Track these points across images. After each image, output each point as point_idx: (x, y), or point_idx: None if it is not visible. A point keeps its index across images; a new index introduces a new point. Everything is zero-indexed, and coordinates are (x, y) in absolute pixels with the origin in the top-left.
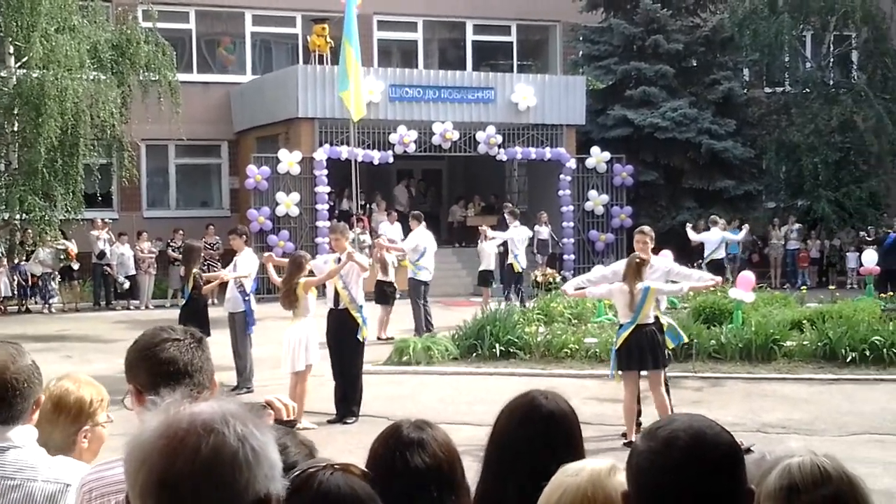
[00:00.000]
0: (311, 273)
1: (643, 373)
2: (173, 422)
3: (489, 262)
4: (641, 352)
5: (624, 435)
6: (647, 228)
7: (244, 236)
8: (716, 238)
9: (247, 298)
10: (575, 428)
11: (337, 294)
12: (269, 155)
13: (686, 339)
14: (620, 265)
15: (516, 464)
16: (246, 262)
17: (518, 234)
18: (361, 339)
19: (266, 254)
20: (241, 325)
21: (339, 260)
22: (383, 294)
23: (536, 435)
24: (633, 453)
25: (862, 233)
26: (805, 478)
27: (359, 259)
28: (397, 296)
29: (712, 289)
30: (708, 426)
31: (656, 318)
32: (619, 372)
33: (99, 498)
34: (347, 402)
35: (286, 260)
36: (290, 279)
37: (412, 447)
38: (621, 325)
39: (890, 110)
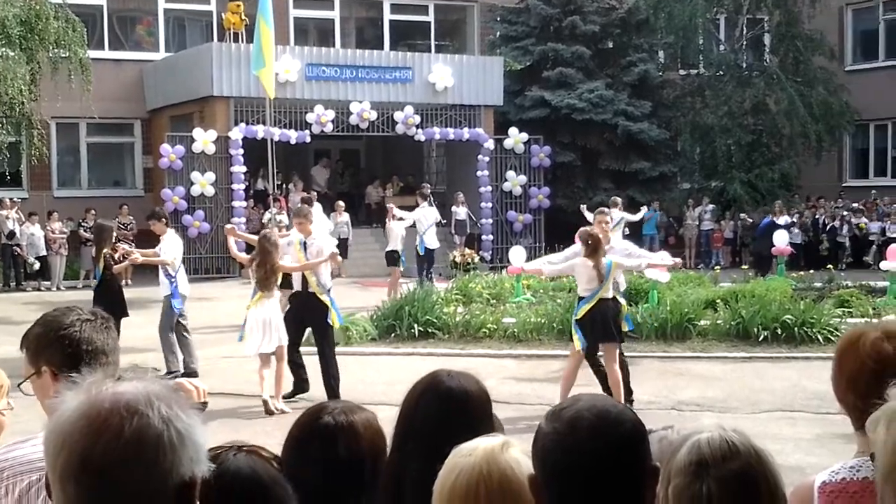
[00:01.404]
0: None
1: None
2: (95, 402)
3: (395, 242)
4: (604, 324)
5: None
6: (607, 209)
7: (164, 219)
8: (616, 218)
9: (173, 281)
10: (478, 408)
11: (304, 277)
12: (184, 134)
13: (634, 327)
14: (577, 246)
15: (416, 442)
16: (170, 246)
17: (425, 215)
18: (331, 324)
19: (228, 226)
20: (168, 309)
21: (304, 244)
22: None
23: (434, 412)
24: (538, 435)
25: (742, 214)
26: (714, 452)
27: (336, 258)
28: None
29: (671, 268)
30: (612, 405)
31: (614, 297)
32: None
33: (11, 477)
34: (332, 387)
35: (250, 236)
36: (267, 260)
37: (331, 434)
38: (581, 298)
39: (801, 93)
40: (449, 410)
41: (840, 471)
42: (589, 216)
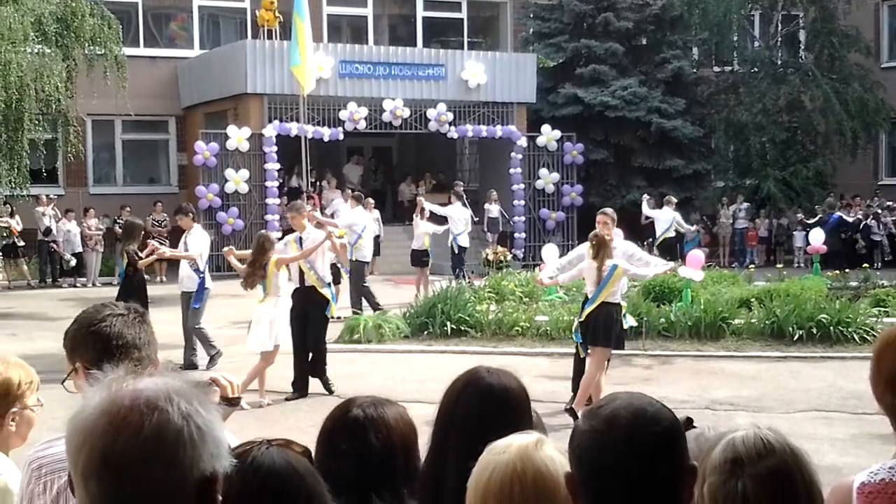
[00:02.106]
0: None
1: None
2: (115, 399)
3: (420, 240)
4: (599, 328)
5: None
6: (609, 210)
7: (191, 214)
8: (667, 217)
9: (202, 276)
10: (518, 404)
11: (302, 272)
12: (218, 131)
13: (634, 323)
14: (582, 247)
15: (455, 439)
16: (197, 241)
17: (455, 213)
18: (330, 316)
19: (226, 248)
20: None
21: (300, 240)
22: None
23: (475, 409)
24: (574, 433)
25: (799, 214)
26: (749, 450)
27: (334, 240)
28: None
29: (670, 273)
30: (648, 403)
31: (618, 302)
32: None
33: (49, 474)
34: (318, 374)
35: (248, 252)
36: (256, 259)
37: (361, 426)
38: (586, 300)
39: (837, 90)
40: (489, 407)
41: (879, 471)
42: (648, 211)
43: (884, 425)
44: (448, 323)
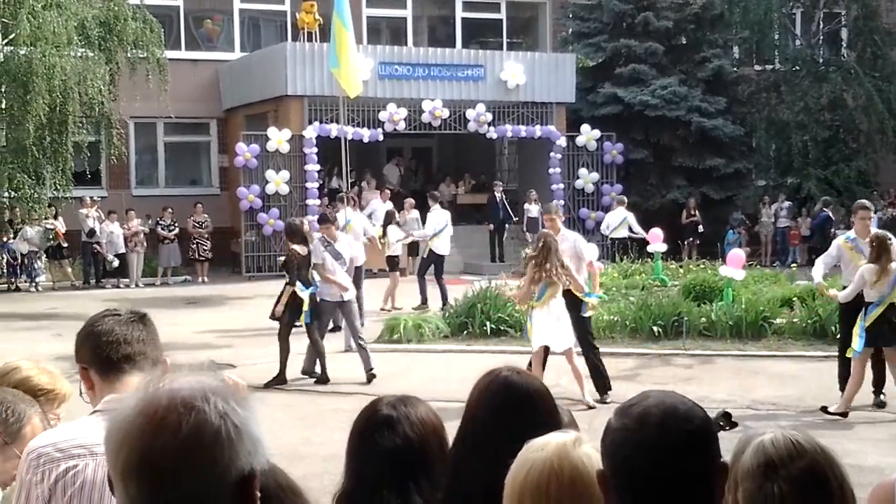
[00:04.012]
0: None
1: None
2: (153, 399)
3: (396, 246)
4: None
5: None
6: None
7: (336, 222)
8: (618, 217)
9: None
10: (540, 404)
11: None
12: (259, 133)
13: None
14: (834, 249)
15: (477, 436)
16: (347, 248)
17: (433, 219)
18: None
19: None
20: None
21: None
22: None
23: (496, 407)
24: (607, 431)
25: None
26: (780, 452)
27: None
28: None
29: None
30: (680, 402)
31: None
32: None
33: (48, 463)
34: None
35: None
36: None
37: (384, 425)
38: (861, 304)
39: (879, 88)
40: (510, 406)
41: None
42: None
43: None
44: (487, 323)
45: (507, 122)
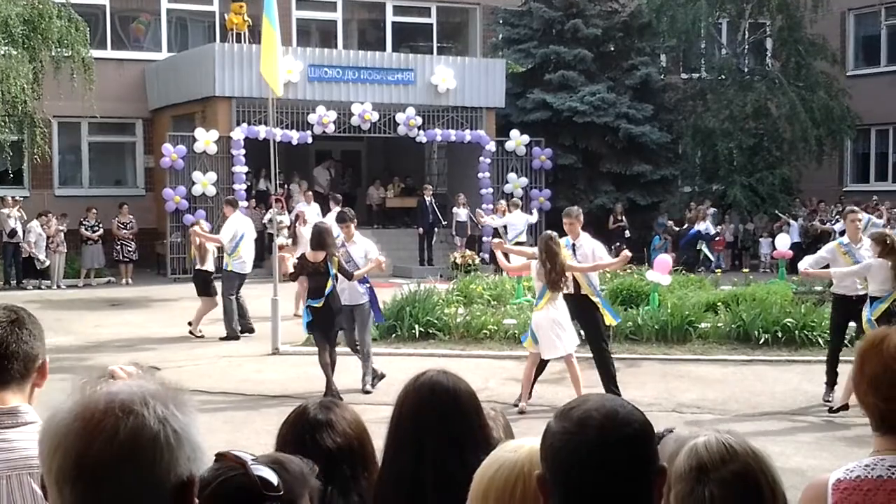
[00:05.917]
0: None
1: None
2: (90, 403)
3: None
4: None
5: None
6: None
7: (354, 221)
8: (520, 221)
9: (368, 286)
10: (465, 403)
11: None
12: (186, 134)
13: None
14: (830, 248)
15: (404, 434)
16: (364, 249)
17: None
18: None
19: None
20: (363, 318)
21: (573, 247)
22: (206, 284)
23: (424, 404)
24: (546, 434)
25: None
26: (712, 455)
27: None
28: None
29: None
30: (620, 405)
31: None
32: None
33: None
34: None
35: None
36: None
37: (321, 428)
38: (863, 299)
39: (803, 97)
40: (434, 401)
41: (855, 469)
42: (498, 222)
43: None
44: (416, 326)
45: (436, 126)
